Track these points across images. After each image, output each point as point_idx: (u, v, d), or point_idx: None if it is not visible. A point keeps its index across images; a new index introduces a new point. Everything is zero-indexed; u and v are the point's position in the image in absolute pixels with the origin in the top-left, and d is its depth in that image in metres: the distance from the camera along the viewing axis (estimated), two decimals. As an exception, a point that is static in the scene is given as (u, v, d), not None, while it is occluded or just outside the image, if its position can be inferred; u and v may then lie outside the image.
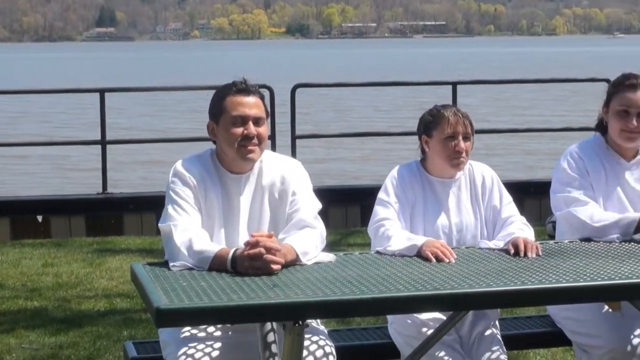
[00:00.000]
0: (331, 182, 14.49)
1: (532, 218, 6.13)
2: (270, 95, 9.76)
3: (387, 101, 33.36)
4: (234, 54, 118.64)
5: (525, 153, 19.70)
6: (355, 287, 3.62)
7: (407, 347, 4.38)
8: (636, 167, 4.74)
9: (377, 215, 4.45)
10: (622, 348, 4.38)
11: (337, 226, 10.19)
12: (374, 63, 75.85)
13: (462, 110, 4.60)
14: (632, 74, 4.75)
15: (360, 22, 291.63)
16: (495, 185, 4.63)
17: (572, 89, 33.90)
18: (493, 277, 3.79)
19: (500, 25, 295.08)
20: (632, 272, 3.83)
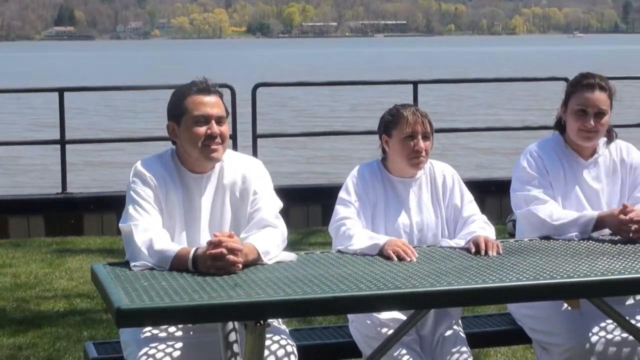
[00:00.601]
0: (292, 181, 14.49)
1: (493, 217, 6.15)
2: (231, 94, 9.73)
3: (348, 100, 33.38)
4: (194, 53, 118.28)
5: (485, 152, 19.78)
6: (316, 287, 3.62)
7: (367, 347, 4.38)
8: (593, 166, 4.78)
9: (338, 214, 4.45)
10: (581, 346, 4.41)
11: (298, 225, 10.19)
12: (335, 62, 75.90)
13: (422, 110, 4.61)
14: (589, 73, 4.78)
15: (321, 21, 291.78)
16: (456, 184, 4.65)
17: (531, 88, 34.10)
18: (454, 275, 3.80)
19: (460, 25, 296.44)
20: (591, 270, 3.85)
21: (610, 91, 4.72)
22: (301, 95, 35.64)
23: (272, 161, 15.17)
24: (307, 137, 16.63)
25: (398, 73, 51.71)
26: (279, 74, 53.03)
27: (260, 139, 10.54)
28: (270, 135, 12.43)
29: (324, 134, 14.94)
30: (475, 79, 24.21)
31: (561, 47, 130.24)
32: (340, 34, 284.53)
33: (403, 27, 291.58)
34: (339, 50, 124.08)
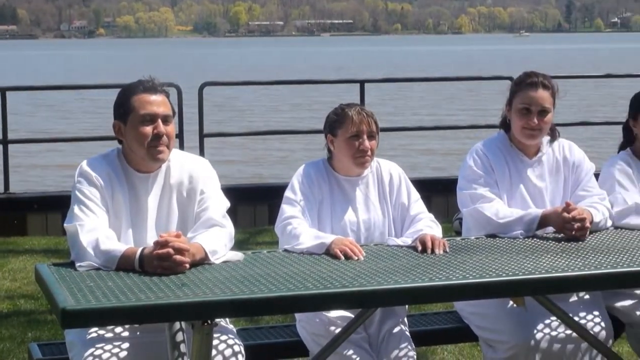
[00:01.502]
0: (239, 180, 14.45)
1: (440, 215, 6.19)
2: (178, 93, 9.69)
3: (294, 100, 33.37)
4: (140, 52, 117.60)
5: (431, 151, 19.88)
6: (263, 286, 3.62)
7: (316, 346, 4.38)
8: (537, 165, 4.82)
9: (284, 213, 4.45)
10: (526, 343, 4.45)
11: (245, 225, 10.17)
12: (282, 61, 75.86)
13: (367, 109, 4.62)
14: (533, 72, 4.83)
15: (267, 20, 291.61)
16: (403, 183, 4.66)
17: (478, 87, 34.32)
18: (401, 274, 3.81)
19: (407, 24, 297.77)
20: (535, 268, 3.89)
21: (553, 89, 4.77)
22: (247, 95, 35.54)
23: (219, 160, 15.14)
24: (254, 136, 16.60)
25: (344, 72, 51.82)
26: (226, 73, 52.89)
27: (207, 138, 10.51)
28: (217, 135, 12.38)
29: (271, 133, 14.92)
30: (422, 78, 24.28)
31: (507, 46, 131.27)
32: (286, 32, 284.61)
33: (349, 26, 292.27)
34: (285, 50, 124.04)
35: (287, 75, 45.80)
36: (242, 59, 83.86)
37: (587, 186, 4.81)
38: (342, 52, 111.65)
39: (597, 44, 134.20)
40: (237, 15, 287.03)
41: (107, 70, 57.37)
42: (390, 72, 47.61)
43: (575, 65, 58.45)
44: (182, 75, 34.87)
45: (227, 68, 61.78)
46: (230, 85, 16.14)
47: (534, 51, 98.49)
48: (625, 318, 4.80)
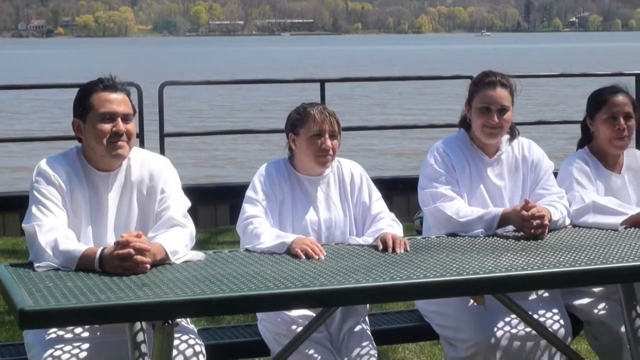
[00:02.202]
0: (200, 180, 14.40)
1: (401, 214, 6.20)
2: (138, 92, 9.63)
3: (255, 99, 33.32)
4: (100, 51, 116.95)
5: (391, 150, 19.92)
6: (224, 285, 3.61)
7: (277, 345, 4.38)
8: (497, 163, 4.84)
9: (246, 213, 4.44)
10: (486, 341, 4.47)
11: (206, 224, 10.13)
12: (242, 61, 75.73)
13: (329, 109, 4.63)
14: (491, 71, 4.85)
15: (227, 19, 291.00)
16: (364, 182, 4.67)
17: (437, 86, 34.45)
18: (362, 273, 3.82)
19: (367, 23, 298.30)
20: (496, 266, 3.90)
21: (512, 88, 4.80)
22: (208, 94, 35.45)
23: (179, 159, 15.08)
24: (215, 135, 16.52)
25: (305, 71, 51.83)
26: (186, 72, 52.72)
27: (168, 137, 10.46)
28: (177, 134, 12.33)
29: (232, 133, 14.86)
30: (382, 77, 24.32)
31: (469, 45, 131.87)
32: (247, 32, 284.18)
33: (310, 25, 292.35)
34: (246, 49, 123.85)
35: (247, 74, 45.74)
36: (202, 59, 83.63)
37: (546, 185, 4.84)
38: (302, 51, 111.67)
39: (556, 44, 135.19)
40: (197, 14, 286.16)
41: (66, 70, 56.98)
42: (350, 72, 47.66)
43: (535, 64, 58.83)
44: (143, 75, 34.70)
45: (188, 67, 61.56)
46: (191, 85, 16.05)
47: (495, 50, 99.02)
48: (584, 316, 4.83)
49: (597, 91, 5.03)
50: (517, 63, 57.78)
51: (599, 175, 4.94)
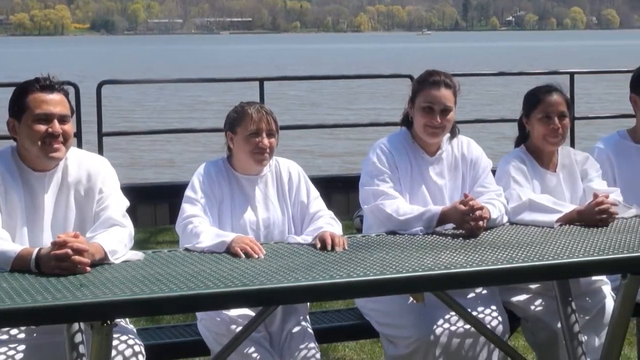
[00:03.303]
0: (140, 179, 14.31)
1: (340, 212, 6.22)
2: (76, 92, 9.54)
3: (195, 98, 33.19)
4: (36, 50, 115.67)
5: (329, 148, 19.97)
6: (164, 285, 3.59)
7: (217, 345, 4.37)
8: (438, 162, 4.87)
9: (185, 212, 4.43)
10: (426, 338, 4.49)
11: (145, 224, 10.08)
12: (181, 59, 75.36)
13: (267, 108, 4.63)
14: (435, 71, 4.87)
15: (166, 18, 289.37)
16: (301, 181, 4.67)
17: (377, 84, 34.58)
18: (302, 271, 3.82)
19: (306, 22, 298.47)
20: (435, 264, 3.93)
21: (455, 88, 4.82)
22: (148, 93, 35.23)
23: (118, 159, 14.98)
24: (154, 134, 16.44)
25: (244, 70, 51.74)
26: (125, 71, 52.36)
27: (107, 137, 10.38)
28: (116, 134, 12.24)
29: (170, 132, 14.78)
30: (321, 76, 24.39)
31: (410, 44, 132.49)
32: (185, 30, 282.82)
33: (249, 24, 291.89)
34: (184, 47, 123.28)
35: (186, 73, 45.53)
36: (141, 57, 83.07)
37: (485, 183, 4.88)
38: (241, 50, 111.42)
39: (493, 42, 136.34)
40: (135, 13, 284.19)
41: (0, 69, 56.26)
42: (289, 71, 47.65)
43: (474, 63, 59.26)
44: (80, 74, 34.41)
45: (126, 66, 61.12)
46: (130, 84, 15.94)
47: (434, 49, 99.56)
48: (521, 312, 4.89)
49: (533, 90, 5.08)
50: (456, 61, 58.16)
51: (535, 173, 5.00)
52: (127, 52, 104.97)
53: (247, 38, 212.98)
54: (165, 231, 10.00)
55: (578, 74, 11.75)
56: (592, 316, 4.86)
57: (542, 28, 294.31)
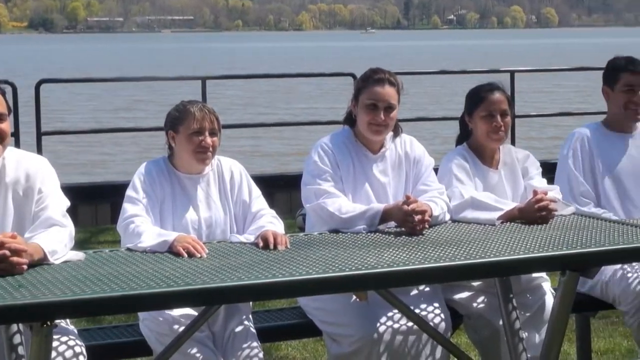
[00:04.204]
0: (80, 179, 14.18)
1: (283, 211, 6.20)
2: (13, 91, 9.43)
3: (135, 97, 32.97)
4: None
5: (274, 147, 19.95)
6: (105, 285, 3.56)
7: (159, 345, 4.34)
8: (381, 160, 4.88)
9: (126, 212, 4.39)
10: (370, 336, 4.50)
11: (86, 224, 10.00)
12: (122, 58, 74.87)
13: (209, 106, 4.62)
14: (379, 69, 4.89)
15: (106, 16, 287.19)
16: (243, 180, 4.66)
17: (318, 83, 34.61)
18: (244, 270, 3.81)
19: (248, 21, 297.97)
20: (378, 262, 3.93)
21: (398, 86, 4.84)
22: (87, 92, 34.92)
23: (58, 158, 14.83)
24: (94, 133, 16.31)
25: (187, 69, 51.52)
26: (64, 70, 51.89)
27: (45, 136, 10.27)
28: (55, 133, 12.12)
29: (111, 131, 14.69)
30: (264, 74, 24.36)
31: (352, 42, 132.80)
32: (126, 29, 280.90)
33: (190, 22, 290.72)
34: (125, 46, 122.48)
35: (127, 72, 45.23)
36: (80, 56, 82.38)
37: (427, 181, 4.90)
38: (183, 48, 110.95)
39: (435, 41, 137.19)
40: (74, 11, 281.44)
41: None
42: (231, 69, 47.55)
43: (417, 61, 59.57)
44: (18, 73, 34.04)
45: (65, 65, 60.56)
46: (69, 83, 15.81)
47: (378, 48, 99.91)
48: (463, 310, 4.92)
49: (475, 89, 5.12)
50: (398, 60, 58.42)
51: (477, 171, 5.03)
52: (66, 50, 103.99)
53: (189, 37, 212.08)
54: (107, 231, 9.92)
55: (518, 72, 11.87)
56: (533, 313, 4.91)
57: (483, 27, 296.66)
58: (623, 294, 4.97)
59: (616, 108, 5.32)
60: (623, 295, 4.97)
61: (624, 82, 5.27)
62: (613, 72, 5.34)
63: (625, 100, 5.27)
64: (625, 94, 5.27)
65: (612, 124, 5.38)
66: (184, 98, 4.76)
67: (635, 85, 5.26)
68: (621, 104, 5.29)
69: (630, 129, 5.38)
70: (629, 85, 5.26)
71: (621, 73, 5.29)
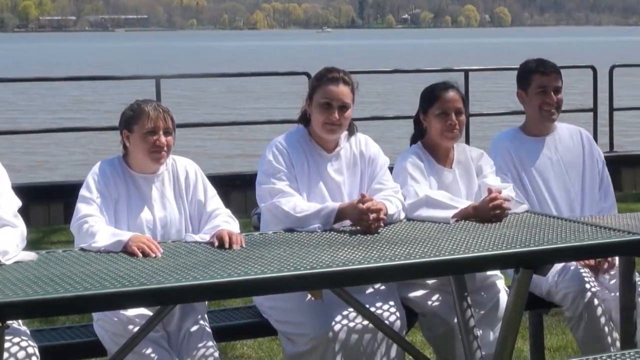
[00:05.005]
0: (32, 179, 14.07)
1: (238, 211, 6.20)
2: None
3: (89, 96, 32.76)
4: None
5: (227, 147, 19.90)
6: (59, 286, 3.54)
7: (114, 345, 4.32)
8: (336, 159, 4.89)
9: (80, 212, 4.36)
10: (325, 335, 4.50)
11: (39, 224, 9.92)
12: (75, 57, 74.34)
13: (163, 106, 4.60)
14: (334, 68, 4.90)
15: (59, 15, 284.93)
16: (199, 180, 4.65)
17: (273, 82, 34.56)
18: (199, 270, 3.80)
19: (202, 20, 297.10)
20: (333, 261, 3.94)
21: (353, 85, 4.85)
22: (41, 91, 34.63)
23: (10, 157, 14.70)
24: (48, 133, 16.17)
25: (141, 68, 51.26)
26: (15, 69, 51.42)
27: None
28: (7, 132, 12.02)
29: (64, 131, 14.57)
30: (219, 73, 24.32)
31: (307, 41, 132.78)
32: (79, 28, 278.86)
33: (144, 21, 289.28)
34: (78, 45, 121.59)
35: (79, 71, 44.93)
36: (32, 55, 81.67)
37: (382, 180, 4.91)
38: (137, 47, 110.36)
39: (390, 40, 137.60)
40: (26, 9, 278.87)
41: None
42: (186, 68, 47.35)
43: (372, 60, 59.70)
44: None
45: (16, 64, 60.01)
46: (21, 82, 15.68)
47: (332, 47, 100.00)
48: (418, 308, 4.93)
49: (430, 87, 5.14)
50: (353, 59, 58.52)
51: (431, 170, 5.05)
52: (17, 49, 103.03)
53: (143, 36, 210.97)
54: (60, 231, 9.85)
55: (472, 71, 11.94)
56: (487, 310, 4.93)
57: (437, 26, 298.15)
58: (564, 298, 5.00)
59: (532, 110, 5.44)
60: (564, 300, 5.00)
61: (536, 84, 5.38)
62: (525, 75, 5.45)
63: (539, 102, 5.38)
64: (539, 96, 5.38)
65: (529, 128, 5.49)
66: (137, 97, 4.73)
67: (548, 86, 5.37)
68: (536, 106, 5.38)
69: (548, 130, 5.49)
70: (541, 87, 5.37)
71: (533, 75, 5.40)
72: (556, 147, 5.46)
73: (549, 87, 5.36)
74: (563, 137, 5.50)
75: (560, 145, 5.47)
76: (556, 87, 5.39)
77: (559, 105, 5.42)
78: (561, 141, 5.49)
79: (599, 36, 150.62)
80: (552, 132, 5.49)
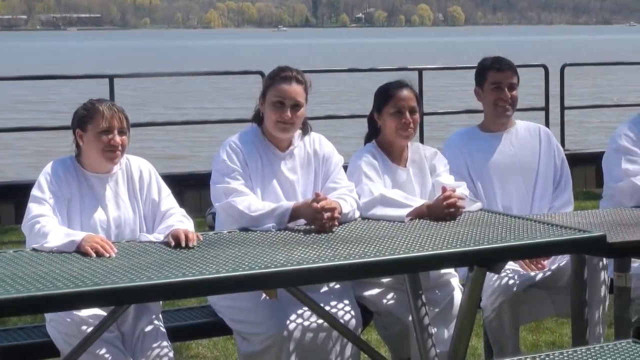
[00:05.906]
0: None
1: (193, 210, 6.18)
2: None
3: (44, 95, 32.47)
4: None
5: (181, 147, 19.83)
6: (10, 286, 3.50)
7: (67, 346, 4.29)
8: (289, 158, 4.89)
9: (32, 212, 4.33)
10: (280, 334, 4.50)
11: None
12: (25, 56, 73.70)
13: (118, 105, 4.57)
14: (287, 67, 4.90)
15: (9, 14, 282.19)
16: (153, 179, 4.63)
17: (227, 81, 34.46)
18: (154, 269, 3.78)
19: (155, 18, 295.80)
20: (287, 260, 3.94)
21: (306, 84, 4.85)
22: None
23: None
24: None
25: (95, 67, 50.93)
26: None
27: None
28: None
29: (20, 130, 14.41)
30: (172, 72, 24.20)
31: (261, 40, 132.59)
32: (30, 27, 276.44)
33: (97, 20, 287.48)
34: (29, 44, 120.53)
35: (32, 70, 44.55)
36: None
37: (336, 178, 4.92)
38: (90, 46, 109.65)
39: (344, 39, 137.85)
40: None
41: None
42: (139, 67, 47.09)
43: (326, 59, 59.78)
44: None
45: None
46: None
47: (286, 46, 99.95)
48: (373, 306, 4.95)
49: (384, 86, 5.16)
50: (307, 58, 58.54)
51: (385, 169, 5.07)
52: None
53: (96, 34, 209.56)
54: (11, 231, 9.76)
55: (426, 70, 11.98)
56: (442, 308, 4.96)
57: (391, 25, 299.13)
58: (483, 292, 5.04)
59: (487, 107, 5.54)
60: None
61: (491, 81, 5.48)
62: (481, 72, 5.56)
63: (494, 98, 5.47)
64: (494, 92, 5.47)
65: (486, 124, 5.59)
66: (92, 96, 4.69)
67: (502, 82, 5.46)
68: (491, 102, 5.47)
69: (504, 126, 5.56)
70: (495, 83, 5.46)
71: (488, 72, 5.50)
72: (512, 142, 5.52)
73: (504, 83, 5.44)
74: (520, 133, 5.56)
75: (516, 140, 5.53)
76: (510, 83, 5.46)
77: (514, 102, 5.49)
78: (517, 137, 5.54)
79: (551, 35, 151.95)
80: (509, 129, 5.55)
